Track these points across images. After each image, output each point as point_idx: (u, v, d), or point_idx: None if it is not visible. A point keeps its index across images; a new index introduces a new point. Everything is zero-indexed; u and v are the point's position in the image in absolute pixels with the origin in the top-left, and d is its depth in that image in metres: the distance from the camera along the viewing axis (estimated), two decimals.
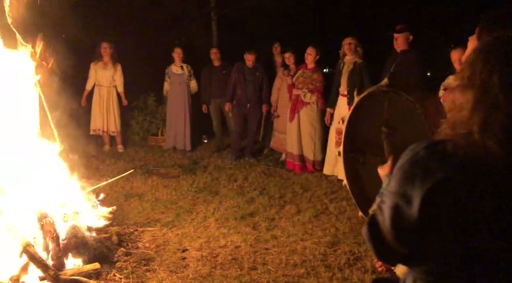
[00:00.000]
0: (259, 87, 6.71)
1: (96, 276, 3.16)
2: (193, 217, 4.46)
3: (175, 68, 7.37)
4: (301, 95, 6.00)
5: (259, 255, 3.62)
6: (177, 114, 7.39)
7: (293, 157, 6.20)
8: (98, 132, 7.33)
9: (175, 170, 6.25)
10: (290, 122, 6.16)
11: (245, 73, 6.67)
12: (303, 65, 6.17)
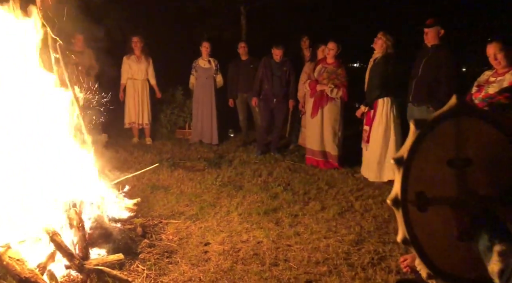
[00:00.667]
0: (286, 82, 6.64)
1: (120, 267, 3.21)
2: (216, 211, 4.47)
3: (202, 62, 7.40)
4: (327, 91, 5.90)
5: (281, 252, 3.59)
6: (203, 108, 7.43)
7: (313, 153, 6.13)
8: (133, 125, 7.48)
9: (201, 163, 6.29)
10: (312, 117, 6.08)
11: (272, 68, 6.61)
12: (322, 60, 6.08)
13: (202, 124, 7.48)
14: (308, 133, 6.27)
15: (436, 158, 1.39)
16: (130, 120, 7.47)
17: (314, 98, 6.05)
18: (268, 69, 6.60)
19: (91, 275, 3.01)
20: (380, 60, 5.29)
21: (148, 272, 3.21)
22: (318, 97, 6.01)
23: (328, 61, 5.99)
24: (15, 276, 2.83)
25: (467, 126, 1.40)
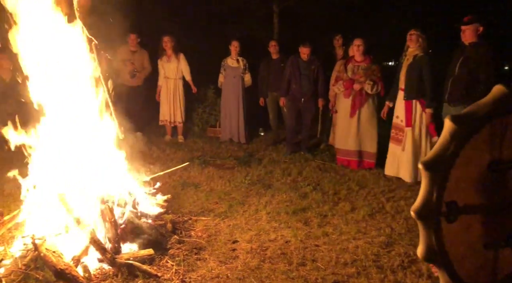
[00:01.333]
0: (314, 80, 6.54)
1: (150, 262, 3.29)
2: (245, 209, 4.49)
3: (230, 61, 7.46)
4: (367, 88, 5.78)
5: (309, 251, 3.57)
6: (231, 107, 7.49)
7: (349, 153, 6.04)
8: (166, 123, 7.63)
9: (231, 161, 6.34)
10: (351, 117, 5.96)
11: (300, 67, 6.53)
12: (351, 58, 5.98)
13: (231, 123, 7.54)
14: (341, 133, 6.16)
15: (476, 161, 1.20)
16: (163, 118, 7.63)
17: (353, 98, 5.92)
18: (296, 68, 6.54)
19: (122, 269, 3.10)
20: (423, 58, 5.16)
21: (177, 267, 3.26)
22: (357, 96, 5.89)
23: (357, 59, 5.89)
24: (51, 268, 2.95)
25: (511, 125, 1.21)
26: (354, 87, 5.88)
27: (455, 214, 1.19)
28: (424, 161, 1.18)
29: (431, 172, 1.18)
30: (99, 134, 3.78)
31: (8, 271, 3.13)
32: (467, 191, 1.20)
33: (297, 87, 6.57)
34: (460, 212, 1.19)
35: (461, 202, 1.19)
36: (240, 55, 7.43)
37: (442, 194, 1.18)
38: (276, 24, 10.22)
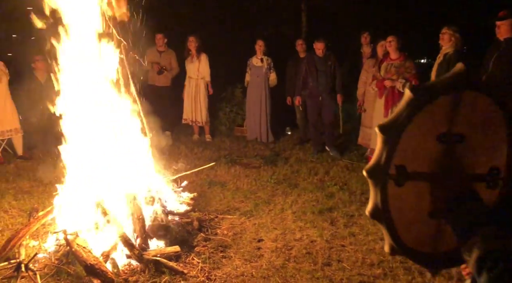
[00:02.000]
0: (332, 77, 6.43)
1: (176, 259, 3.34)
2: (271, 208, 4.50)
3: (255, 60, 7.47)
4: (399, 86, 5.64)
5: (334, 252, 3.54)
6: (256, 106, 7.50)
7: None
8: (188, 121, 7.73)
9: (257, 160, 6.35)
10: (385, 117, 5.83)
11: (316, 63, 6.44)
12: (385, 57, 5.85)
13: (256, 122, 7.55)
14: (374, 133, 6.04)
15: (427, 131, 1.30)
16: (186, 116, 7.72)
17: (386, 98, 5.77)
18: (312, 65, 6.45)
19: (149, 265, 3.17)
20: (452, 56, 5.01)
21: (203, 265, 3.30)
22: (390, 96, 5.75)
23: (392, 57, 5.76)
24: (81, 262, 3.04)
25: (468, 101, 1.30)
26: (385, 84, 5.77)
27: (403, 179, 1.30)
28: (380, 125, 1.30)
29: (384, 134, 1.29)
30: (129, 133, 3.88)
31: (42, 265, 3.26)
32: (417, 159, 1.31)
33: (315, 84, 6.48)
34: (408, 177, 1.29)
35: (410, 168, 1.30)
36: (266, 54, 7.43)
37: (391, 156, 1.28)
38: (304, 23, 10.17)
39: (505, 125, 1.32)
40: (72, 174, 3.74)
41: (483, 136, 1.33)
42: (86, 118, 3.62)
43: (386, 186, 1.30)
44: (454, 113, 1.31)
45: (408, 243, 1.35)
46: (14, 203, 4.58)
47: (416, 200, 1.32)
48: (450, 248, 1.35)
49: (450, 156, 1.30)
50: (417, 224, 1.35)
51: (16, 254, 3.34)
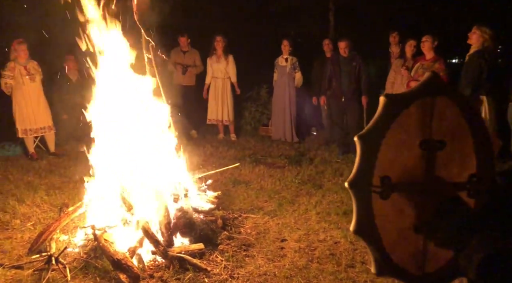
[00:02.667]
0: (356, 78, 6.30)
1: (200, 256, 3.38)
2: (294, 208, 4.49)
3: (281, 60, 7.48)
4: None
5: (358, 253, 3.50)
6: (281, 106, 7.50)
7: None
8: (213, 121, 7.80)
9: (282, 160, 6.35)
10: None
11: (340, 64, 6.35)
12: (421, 57, 5.72)
13: (281, 121, 7.55)
14: None
15: (407, 138, 1.28)
16: (211, 117, 7.78)
17: None
18: (336, 65, 6.36)
19: (174, 262, 3.22)
20: (473, 55, 4.88)
21: (226, 263, 3.33)
22: None
23: (426, 57, 5.63)
24: (108, 257, 3.12)
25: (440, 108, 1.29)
26: (410, 85, 5.66)
27: (388, 191, 1.24)
28: (359, 134, 1.29)
29: (363, 142, 1.28)
30: (156, 132, 3.95)
31: (71, 258, 3.37)
32: (401, 169, 1.26)
33: (337, 85, 6.39)
34: (393, 189, 1.24)
35: (395, 178, 1.26)
36: (292, 53, 7.42)
37: (373, 166, 1.26)
38: (332, 22, 10.10)
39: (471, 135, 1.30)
40: (101, 171, 3.84)
41: (459, 144, 1.30)
42: (116, 117, 3.71)
43: (371, 200, 1.27)
44: (431, 119, 1.28)
45: (397, 261, 1.31)
46: (46, 198, 4.74)
47: (401, 214, 1.28)
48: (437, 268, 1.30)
49: (433, 164, 1.27)
50: (404, 240, 1.31)
51: (47, 247, 3.46)
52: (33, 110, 6.35)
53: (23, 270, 3.21)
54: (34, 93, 6.34)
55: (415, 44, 5.87)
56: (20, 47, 6.19)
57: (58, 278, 3.11)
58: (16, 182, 5.31)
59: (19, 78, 6.18)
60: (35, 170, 5.88)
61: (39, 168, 5.98)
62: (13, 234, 3.88)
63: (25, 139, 6.47)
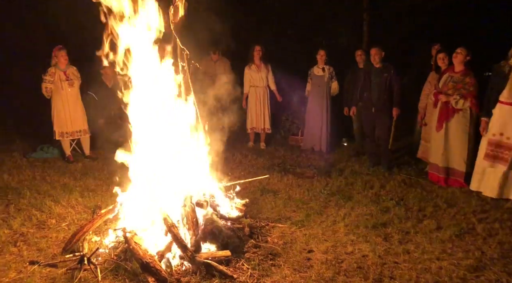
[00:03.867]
0: (387, 89, 6.16)
1: (226, 263, 3.40)
2: (322, 219, 4.45)
3: (316, 69, 7.47)
4: (452, 102, 5.41)
5: (387, 268, 3.43)
6: (316, 116, 7.48)
7: (438, 169, 5.67)
8: (255, 130, 7.86)
9: (311, 170, 6.31)
10: (438, 131, 5.62)
11: (371, 75, 6.25)
12: (450, 68, 5.59)
13: (314, 131, 7.53)
14: (432, 148, 5.81)
15: None
16: (252, 125, 7.86)
17: (439, 111, 5.57)
18: (367, 76, 6.27)
19: (201, 268, 3.25)
20: (504, 66, 4.74)
21: (252, 271, 3.33)
22: (443, 109, 5.52)
23: (456, 69, 5.51)
24: (138, 260, 3.19)
25: None
26: (439, 98, 5.54)
27: None
28: None
29: None
30: (187, 138, 4.03)
31: (102, 259, 3.46)
32: None
33: (368, 96, 6.29)
34: None
35: None
36: (327, 63, 7.41)
37: None
38: (366, 33, 10.01)
39: None
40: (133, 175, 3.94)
41: None
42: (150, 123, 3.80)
43: None
44: None
45: None
46: (80, 200, 4.90)
47: None
48: None
49: None
50: None
51: (80, 247, 3.58)
52: (70, 114, 6.60)
53: (57, 269, 3.33)
54: (72, 98, 6.59)
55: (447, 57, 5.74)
56: (60, 53, 6.46)
57: (89, 278, 3.20)
58: (52, 183, 5.51)
59: (58, 83, 6.44)
60: (71, 172, 6.09)
61: (74, 171, 6.19)
62: (48, 233, 4.02)
63: (62, 141, 6.72)
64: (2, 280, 3.16)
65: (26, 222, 4.25)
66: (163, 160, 3.82)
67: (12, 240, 3.84)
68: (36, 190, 5.20)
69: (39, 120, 7.45)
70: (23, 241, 3.85)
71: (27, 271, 3.29)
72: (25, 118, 8.75)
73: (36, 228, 4.13)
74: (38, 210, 4.55)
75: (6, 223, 4.18)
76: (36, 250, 3.67)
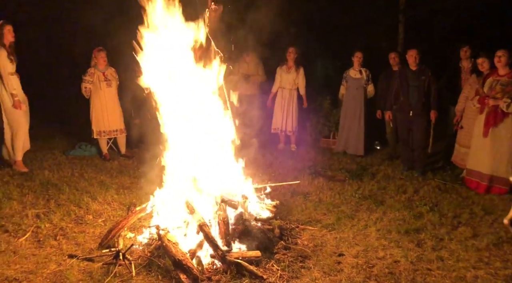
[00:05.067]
0: (425, 92, 6.03)
1: (256, 263, 3.43)
2: (354, 223, 4.41)
3: (353, 72, 7.39)
4: (503, 106, 5.20)
5: (419, 275, 3.37)
6: (351, 119, 7.40)
7: (481, 176, 5.47)
8: (277, 131, 7.89)
9: (342, 174, 6.26)
10: (485, 137, 5.40)
11: (408, 78, 6.11)
12: (493, 72, 5.40)
13: (348, 134, 7.46)
14: (474, 153, 5.60)
15: None
16: (276, 126, 7.87)
17: (486, 116, 5.37)
18: (404, 80, 6.14)
19: (231, 267, 3.29)
20: None
21: (282, 272, 3.35)
22: (492, 114, 5.32)
23: (500, 72, 5.32)
24: (170, 257, 3.27)
25: None
26: (486, 102, 5.35)
27: None
28: None
29: None
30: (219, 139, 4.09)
31: (136, 255, 3.56)
32: None
33: (405, 100, 6.16)
34: None
35: None
36: (363, 65, 7.33)
37: None
38: (401, 35, 9.82)
39: None
40: (167, 174, 4.04)
41: None
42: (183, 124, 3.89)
43: None
44: None
45: None
46: (116, 197, 5.06)
47: None
48: None
49: None
50: None
51: (115, 243, 3.70)
52: (108, 114, 6.82)
53: (94, 263, 3.46)
54: (110, 98, 6.81)
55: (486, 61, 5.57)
56: (99, 54, 6.70)
57: (124, 273, 3.30)
58: (90, 180, 5.71)
59: (97, 83, 6.68)
60: (107, 170, 6.29)
61: (111, 168, 6.40)
62: (86, 228, 4.18)
63: (99, 140, 6.95)
64: (44, 271, 3.31)
65: (65, 217, 4.43)
66: (197, 160, 3.90)
67: (53, 234, 4.02)
68: (75, 186, 5.41)
69: (78, 119, 7.74)
70: (63, 235, 4.01)
71: (66, 264, 3.43)
72: (65, 116, 9.11)
73: (74, 223, 4.30)
74: (76, 206, 4.74)
75: (47, 217, 4.38)
76: (75, 244, 3.82)
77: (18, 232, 4.02)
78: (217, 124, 4.09)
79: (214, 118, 4.08)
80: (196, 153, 3.90)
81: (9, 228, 4.07)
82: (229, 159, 4.19)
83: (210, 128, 4.02)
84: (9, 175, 5.73)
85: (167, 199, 3.94)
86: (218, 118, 4.11)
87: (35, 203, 4.78)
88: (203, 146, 3.91)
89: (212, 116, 4.05)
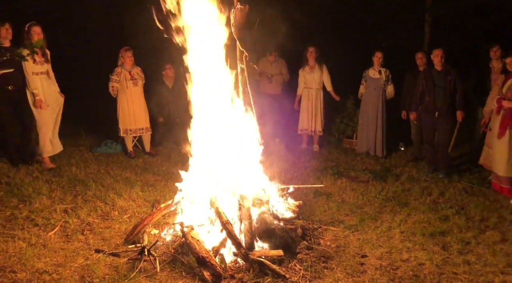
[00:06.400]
0: (451, 93, 5.91)
1: (279, 262, 3.43)
2: (377, 225, 4.37)
3: (372, 72, 7.31)
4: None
5: (444, 278, 3.31)
6: (370, 119, 7.32)
7: (499, 178, 5.36)
8: (306, 132, 7.87)
9: (365, 175, 6.20)
10: (499, 139, 5.30)
11: (434, 78, 6.00)
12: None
13: (369, 135, 7.38)
14: (494, 155, 5.51)
15: None
16: (303, 127, 7.86)
17: (502, 117, 5.28)
18: (429, 80, 6.03)
19: (254, 266, 3.31)
20: None
21: (304, 272, 3.35)
22: (507, 116, 5.23)
23: None
24: (194, 254, 3.31)
25: None
26: (502, 104, 5.23)
27: None
28: None
29: None
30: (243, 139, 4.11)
31: (161, 252, 3.62)
32: None
33: (431, 100, 6.05)
34: None
35: None
36: (384, 66, 7.24)
37: None
38: (428, 34, 9.65)
39: None
40: (191, 172, 4.09)
41: None
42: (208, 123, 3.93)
43: None
44: None
45: None
46: (140, 194, 5.15)
47: None
48: None
49: None
50: None
51: (140, 239, 3.77)
52: (134, 112, 6.94)
53: (120, 258, 3.54)
54: (136, 97, 6.93)
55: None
56: (126, 54, 6.82)
57: (149, 269, 3.37)
58: (115, 177, 5.83)
59: (124, 82, 6.80)
60: (132, 167, 6.41)
61: (135, 166, 6.51)
62: (112, 224, 4.27)
63: (125, 138, 7.09)
64: (72, 264, 3.41)
65: (92, 212, 4.54)
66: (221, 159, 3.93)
67: (80, 229, 4.12)
68: (101, 183, 5.53)
69: (104, 116, 7.90)
70: (89, 230, 4.12)
71: (93, 258, 3.52)
72: (91, 114, 9.31)
73: (100, 219, 4.40)
74: (102, 202, 4.84)
75: (74, 213, 4.49)
76: (101, 239, 3.91)
77: (47, 226, 4.14)
78: (241, 123, 4.12)
79: (239, 117, 4.11)
80: (221, 152, 3.93)
81: (39, 222, 4.20)
82: (253, 159, 4.21)
83: (235, 127, 4.05)
84: (38, 171, 5.91)
85: (191, 196, 3.98)
86: (242, 118, 4.14)
87: (63, 198, 4.91)
88: (228, 145, 3.93)
89: (237, 115, 4.08)
